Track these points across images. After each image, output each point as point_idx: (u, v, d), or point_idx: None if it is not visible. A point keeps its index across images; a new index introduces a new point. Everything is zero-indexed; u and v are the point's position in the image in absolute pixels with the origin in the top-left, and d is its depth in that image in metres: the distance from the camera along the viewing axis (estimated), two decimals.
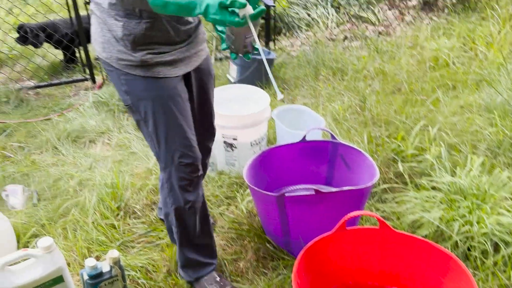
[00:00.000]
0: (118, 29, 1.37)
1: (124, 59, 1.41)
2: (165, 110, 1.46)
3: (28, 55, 3.80)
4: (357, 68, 3.44)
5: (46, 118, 3.01)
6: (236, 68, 3.32)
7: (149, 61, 1.41)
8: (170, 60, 1.46)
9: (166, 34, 1.42)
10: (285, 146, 2.06)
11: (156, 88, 1.45)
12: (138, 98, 1.46)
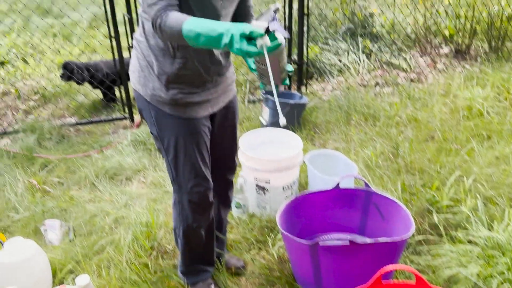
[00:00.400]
0: (154, 67, 1.52)
1: (156, 94, 1.55)
2: (185, 147, 1.61)
3: (71, 93, 4.00)
4: (389, 115, 3.45)
5: (86, 154, 3.12)
6: (268, 111, 3.39)
7: (179, 101, 1.55)
8: (199, 101, 1.60)
9: (198, 74, 1.55)
10: (319, 192, 2.07)
11: (181, 126, 1.59)
12: (163, 131, 1.61)
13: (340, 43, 4.66)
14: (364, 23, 4.85)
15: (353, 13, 4.82)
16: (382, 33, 4.79)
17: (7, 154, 3.06)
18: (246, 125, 3.51)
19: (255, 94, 4.20)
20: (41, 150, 3.17)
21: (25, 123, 3.48)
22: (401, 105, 3.65)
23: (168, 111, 1.57)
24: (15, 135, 3.39)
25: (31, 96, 4.08)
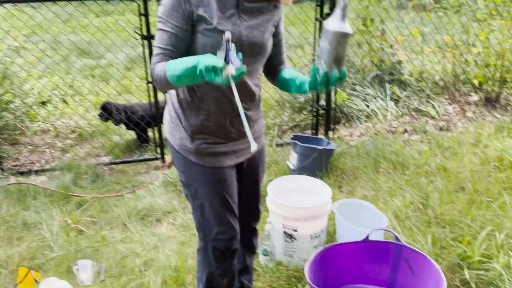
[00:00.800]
0: (182, 118, 1.62)
1: (183, 144, 1.64)
2: (210, 195, 1.67)
3: (107, 133, 4.16)
4: (418, 163, 3.45)
5: (118, 194, 3.22)
6: (296, 155, 3.44)
7: (203, 150, 1.63)
8: (223, 152, 1.65)
9: (222, 126, 1.62)
10: (348, 244, 2.08)
11: (206, 175, 1.66)
12: (190, 178, 1.69)
13: (367, 89, 4.72)
14: (392, 70, 4.92)
15: (381, 60, 4.90)
16: (410, 81, 4.83)
17: (44, 192, 3.18)
18: (274, 168, 3.55)
19: (283, 138, 4.27)
20: (77, 188, 3.29)
21: (62, 161, 3.63)
22: (430, 154, 3.64)
23: (194, 160, 1.65)
24: (53, 172, 3.54)
25: (69, 134, 4.26)
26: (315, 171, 3.35)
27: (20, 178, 3.45)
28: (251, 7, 1.53)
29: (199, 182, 1.67)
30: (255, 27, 1.55)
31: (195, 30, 1.48)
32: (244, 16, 1.52)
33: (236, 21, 1.50)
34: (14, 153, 3.86)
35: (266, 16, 1.58)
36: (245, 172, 1.81)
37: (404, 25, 4.76)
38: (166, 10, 1.45)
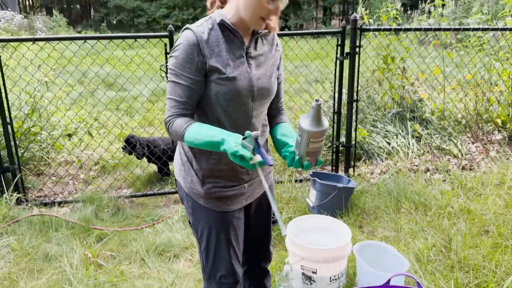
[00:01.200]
0: (193, 162, 1.64)
1: (193, 188, 1.66)
2: (216, 239, 1.68)
3: (130, 166, 4.23)
4: (441, 204, 3.39)
5: (138, 228, 3.24)
6: (315, 193, 3.42)
7: (213, 194, 1.64)
8: (233, 195, 1.67)
9: (232, 170, 1.64)
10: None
11: (213, 219, 1.67)
12: (198, 221, 1.70)
13: (388, 126, 4.71)
14: (413, 107, 4.91)
15: (402, 97, 4.90)
16: (432, 119, 4.81)
17: (67, 224, 3.23)
18: (293, 205, 3.54)
19: (302, 173, 4.27)
20: (98, 221, 3.33)
21: (84, 193, 3.69)
22: (453, 194, 3.58)
23: (203, 203, 1.67)
24: (75, 204, 3.60)
25: (92, 166, 4.35)
26: (335, 210, 3.32)
27: (43, 209, 3.51)
28: (257, 54, 1.60)
29: (206, 225, 1.69)
30: (263, 73, 1.61)
31: (207, 79, 1.52)
32: (252, 63, 1.58)
33: (246, 69, 1.56)
34: (38, 184, 3.95)
35: (270, 60, 1.65)
36: (253, 214, 1.84)
37: (425, 63, 4.77)
38: (179, 63, 1.49)
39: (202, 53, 1.48)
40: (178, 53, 1.49)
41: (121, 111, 5.45)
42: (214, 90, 1.52)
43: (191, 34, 1.48)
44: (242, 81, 1.53)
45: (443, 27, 4.11)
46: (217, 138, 1.40)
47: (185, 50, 1.47)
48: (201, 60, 1.48)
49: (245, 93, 1.55)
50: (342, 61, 3.86)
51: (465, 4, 13.07)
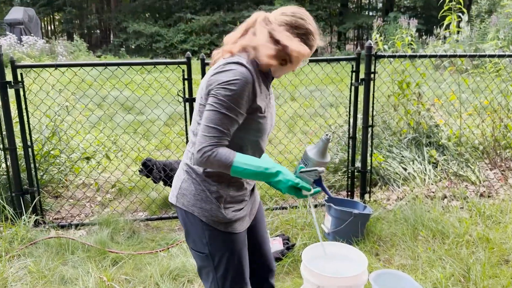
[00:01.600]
0: (214, 192, 1.69)
1: (213, 215, 1.70)
2: (238, 259, 1.76)
3: (146, 189, 4.27)
4: (459, 232, 3.33)
5: (153, 252, 3.25)
6: (331, 219, 3.40)
7: (232, 218, 1.73)
8: (243, 216, 1.80)
9: (245, 193, 1.79)
10: None
11: (232, 242, 1.75)
12: (216, 249, 1.73)
13: (404, 151, 4.69)
14: (429, 133, 4.89)
15: (418, 123, 4.89)
16: (449, 144, 4.77)
17: (83, 246, 3.26)
18: (307, 231, 3.51)
19: (317, 198, 4.25)
20: (113, 244, 3.35)
21: (101, 216, 3.73)
22: (471, 222, 3.52)
23: (221, 228, 1.72)
24: (91, 227, 3.63)
25: (109, 189, 4.40)
26: (351, 236, 3.29)
27: (61, 231, 3.56)
28: (270, 95, 1.78)
29: (226, 251, 1.74)
30: (274, 110, 1.82)
31: (247, 115, 1.63)
32: (270, 103, 1.76)
33: (269, 105, 1.74)
34: (56, 206, 4.01)
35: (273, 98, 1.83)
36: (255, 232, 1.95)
37: (441, 89, 4.77)
38: (234, 98, 1.55)
39: (254, 92, 1.61)
40: (235, 88, 1.55)
41: (139, 134, 5.54)
42: (250, 125, 1.65)
43: (248, 73, 1.58)
44: (269, 119, 1.73)
45: (459, 54, 4.12)
46: (271, 170, 1.58)
47: (243, 87, 1.56)
48: (250, 98, 1.60)
49: (269, 129, 1.75)
50: (357, 87, 3.88)
51: (480, 30, 13.08)
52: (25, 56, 14.53)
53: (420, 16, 24.63)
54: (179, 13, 27.62)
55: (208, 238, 1.72)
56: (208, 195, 1.69)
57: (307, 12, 1.69)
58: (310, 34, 1.67)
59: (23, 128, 3.46)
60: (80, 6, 32.52)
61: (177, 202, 1.76)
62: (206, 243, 1.73)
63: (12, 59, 3.38)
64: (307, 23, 1.66)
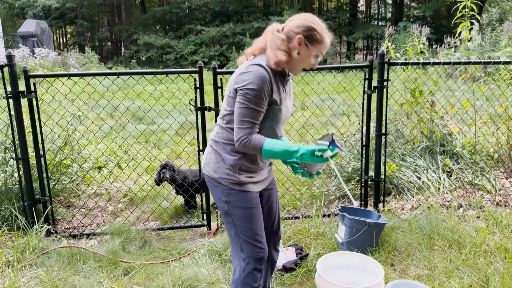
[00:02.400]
0: (230, 160, 2.08)
1: (230, 179, 2.08)
2: (249, 215, 2.11)
3: (157, 199, 4.26)
4: (476, 242, 3.25)
5: (165, 261, 3.22)
6: (344, 228, 3.34)
7: (245, 181, 2.10)
8: (256, 181, 2.15)
9: (257, 164, 2.14)
10: None
11: (246, 200, 2.11)
12: (234, 206, 2.11)
13: (418, 160, 4.62)
14: (443, 141, 4.82)
15: (431, 131, 4.83)
16: (463, 153, 4.70)
17: (94, 256, 3.24)
18: (321, 241, 3.46)
19: (330, 208, 4.20)
20: (125, 254, 3.33)
21: (112, 225, 3.71)
22: (488, 232, 3.44)
23: (238, 188, 2.09)
24: (103, 236, 3.62)
25: (120, 199, 4.39)
26: (366, 246, 3.23)
27: (72, 241, 3.55)
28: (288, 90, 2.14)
29: (241, 207, 2.10)
30: (290, 103, 2.18)
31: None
32: (287, 97, 2.11)
33: (285, 99, 2.10)
34: (68, 215, 4.00)
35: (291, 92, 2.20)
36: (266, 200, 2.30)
37: (455, 96, 4.71)
38: (258, 94, 1.92)
39: (271, 89, 1.97)
40: (256, 87, 1.91)
41: (150, 144, 5.54)
42: (267, 115, 2.02)
43: (266, 73, 1.94)
44: (284, 111, 2.08)
45: (473, 61, 4.07)
46: (293, 148, 1.95)
47: (262, 85, 1.91)
48: (269, 92, 1.96)
49: (283, 119, 2.11)
50: (370, 95, 3.85)
51: (492, 38, 12.99)
52: (38, 67, 14.73)
53: (430, 25, 24.57)
54: (189, 25, 27.88)
55: (226, 197, 2.10)
56: (226, 163, 2.07)
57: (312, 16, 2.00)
58: (312, 30, 1.96)
59: (35, 137, 3.48)
60: (91, 19, 33.02)
61: (204, 171, 2.18)
62: (225, 201, 2.11)
63: (25, 68, 3.41)
64: (308, 22, 1.97)
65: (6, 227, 3.55)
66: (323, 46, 2.00)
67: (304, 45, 1.97)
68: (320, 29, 1.98)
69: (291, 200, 4.29)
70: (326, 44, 2.01)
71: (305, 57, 2.00)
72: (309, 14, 2.01)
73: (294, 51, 1.99)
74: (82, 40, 31.73)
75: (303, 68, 2.08)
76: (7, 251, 3.28)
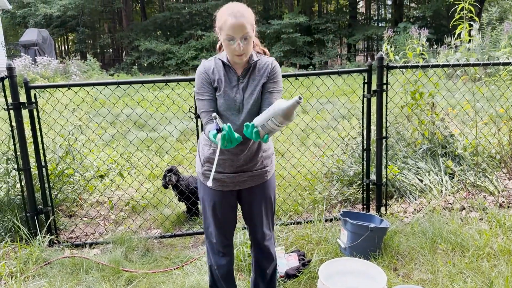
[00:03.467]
0: (200, 149, 2.33)
1: (198, 168, 2.36)
2: (207, 209, 2.35)
3: (159, 206, 4.26)
4: (479, 245, 3.24)
5: (167, 270, 3.22)
6: (347, 233, 3.34)
7: (205, 173, 2.28)
8: (221, 178, 2.25)
9: (223, 159, 2.21)
10: None
11: (205, 193, 2.34)
12: (199, 194, 2.41)
13: (419, 162, 4.61)
14: (445, 143, 4.81)
15: (432, 133, 4.81)
16: (465, 154, 4.68)
17: (97, 266, 3.24)
18: (323, 246, 3.45)
19: (332, 213, 4.19)
20: (127, 263, 3.33)
21: (115, 234, 3.71)
22: (491, 234, 3.42)
23: (202, 180, 2.33)
24: (105, 245, 3.62)
25: (122, 207, 4.40)
26: (368, 251, 3.22)
27: (75, 250, 3.55)
28: (248, 81, 2.20)
29: (204, 199, 2.35)
30: (250, 93, 2.19)
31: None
32: (243, 86, 2.19)
33: (238, 91, 2.19)
34: (70, 225, 4.01)
35: (257, 82, 2.20)
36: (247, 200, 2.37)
37: (455, 98, 4.70)
38: (197, 85, 2.18)
39: (209, 76, 2.18)
40: (196, 79, 2.20)
41: (151, 151, 5.55)
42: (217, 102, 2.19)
43: (202, 67, 2.21)
44: (226, 98, 2.16)
45: (472, 63, 4.07)
46: (213, 133, 1.99)
47: (199, 76, 2.19)
48: (209, 82, 2.18)
49: (231, 107, 2.17)
50: (370, 98, 3.85)
51: (492, 38, 12.97)
52: (39, 77, 14.78)
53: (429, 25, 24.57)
54: (189, 30, 27.97)
55: (199, 185, 2.40)
56: (198, 153, 2.34)
57: (223, 7, 2.10)
58: (216, 18, 2.11)
59: (37, 148, 3.49)
60: (92, 26, 33.18)
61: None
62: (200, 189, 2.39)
63: (26, 80, 3.42)
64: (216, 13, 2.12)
65: (9, 238, 3.55)
66: (227, 27, 2.02)
67: (219, 34, 2.12)
68: (220, 13, 2.08)
69: (293, 205, 4.29)
70: (229, 23, 2.02)
71: (225, 45, 2.09)
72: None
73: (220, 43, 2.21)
74: (84, 47, 31.87)
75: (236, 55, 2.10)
76: (10, 262, 3.29)
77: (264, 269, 2.53)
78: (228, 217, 2.38)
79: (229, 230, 2.42)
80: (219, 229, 2.37)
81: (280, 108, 1.87)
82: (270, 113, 1.89)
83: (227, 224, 2.40)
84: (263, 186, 2.37)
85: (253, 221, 2.43)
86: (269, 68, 2.24)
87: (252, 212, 2.40)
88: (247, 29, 2.04)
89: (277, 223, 3.80)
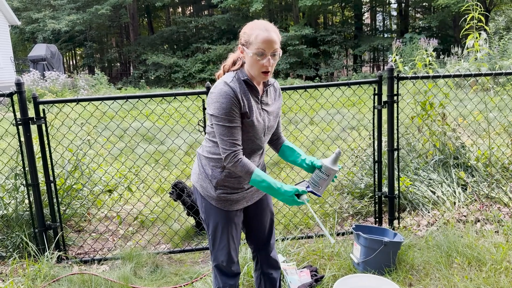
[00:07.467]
0: (209, 172, 2.16)
1: (207, 192, 2.19)
2: (222, 232, 2.22)
3: (168, 221, 4.21)
4: (496, 258, 3.15)
5: (176, 287, 3.16)
6: (360, 248, 3.26)
7: (222, 198, 2.17)
8: (236, 198, 2.20)
9: (238, 181, 2.16)
10: None
11: (220, 216, 2.20)
12: (208, 218, 2.24)
13: (431, 174, 4.53)
14: (457, 154, 4.73)
15: (444, 144, 4.75)
16: (478, 165, 4.60)
17: (105, 282, 3.19)
18: (336, 261, 3.37)
19: (344, 226, 4.11)
20: (136, 279, 3.28)
21: (124, 250, 3.67)
22: (508, 247, 3.33)
23: (213, 203, 2.19)
24: (114, 261, 3.57)
25: (131, 222, 4.36)
26: (382, 266, 3.14)
27: (83, 267, 3.50)
28: (267, 102, 2.18)
29: (214, 222, 2.21)
30: (270, 115, 2.19)
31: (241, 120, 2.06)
32: (264, 108, 2.16)
33: (261, 113, 2.13)
34: (79, 241, 3.97)
35: (276, 105, 2.23)
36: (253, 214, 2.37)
37: (467, 109, 4.64)
38: (226, 112, 1.97)
39: (239, 102, 2.01)
40: (220, 104, 1.99)
41: (160, 165, 5.52)
42: (243, 128, 2.06)
43: (230, 89, 2.00)
44: (256, 122, 2.09)
45: (484, 72, 4.01)
46: (277, 185, 2.00)
47: (229, 101, 1.98)
48: (238, 107, 2.01)
49: (261, 130, 2.13)
50: (380, 110, 3.80)
51: (500, 47, 12.91)
52: (47, 92, 14.91)
53: (436, 36, 24.55)
54: (196, 44, 28.18)
55: (204, 208, 2.23)
56: (206, 175, 2.18)
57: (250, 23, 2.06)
58: (243, 34, 2.04)
59: (45, 163, 3.47)
60: (100, 40, 33.55)
61: (191, 179, 2.32)
62: (203, 211, 2.24)
63: (35, 95, 3.42)
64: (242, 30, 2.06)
65: (17, 255, 3.52)
66: (259, 41, 1.95)
67: (244, 51, 2.03)
68: (249, 27, 2.02)
69: (304, 219, 4.22)
70: (261, 37, 1.96)
71: (253, 60, 2.00)
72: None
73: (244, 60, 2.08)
74: (92, 61, 32.21)
75: (262, 72, 2.03)
76: (18, 279, 3.25)
77: (275, 282, 2.52)
78: (239, 235, 2.34)
79: (238, 248, 2.38)
80: (233, 250, 2.27)
81: (334, 171, 2.17)
82: (330, 179, 2.16)
83: (239, 242, 2.35)
84: (266, 196, 2.42)
85: (263, 233, 2.42)
86: (278, 89, 2.31)
87: (261, 225, 2.40)
88: (278, 45, 2.01)
89: (288, 237, 3.74)
